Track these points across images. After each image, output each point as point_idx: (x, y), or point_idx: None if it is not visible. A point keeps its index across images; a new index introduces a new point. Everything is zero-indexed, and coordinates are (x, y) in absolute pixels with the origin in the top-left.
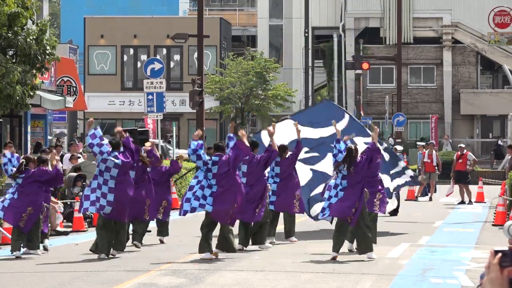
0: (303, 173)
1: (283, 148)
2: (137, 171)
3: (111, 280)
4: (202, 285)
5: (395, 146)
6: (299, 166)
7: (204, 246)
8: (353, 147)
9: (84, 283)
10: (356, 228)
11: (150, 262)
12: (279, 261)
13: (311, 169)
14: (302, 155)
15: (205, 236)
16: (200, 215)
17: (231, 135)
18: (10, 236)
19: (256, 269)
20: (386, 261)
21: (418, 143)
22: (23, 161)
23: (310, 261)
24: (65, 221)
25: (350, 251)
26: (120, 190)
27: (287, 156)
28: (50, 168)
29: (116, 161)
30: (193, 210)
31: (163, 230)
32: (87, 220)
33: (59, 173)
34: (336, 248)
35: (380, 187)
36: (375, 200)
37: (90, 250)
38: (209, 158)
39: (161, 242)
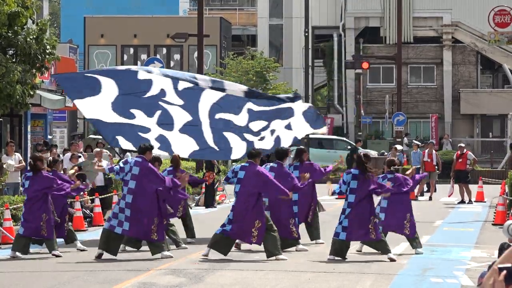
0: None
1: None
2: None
3: (111, 279)
4: (202, 285)
5: (395, 146)
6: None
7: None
8: (361, 154)
9: (84, 282)
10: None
11: (150, 262)
12: (279, 261)
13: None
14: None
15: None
16: (202, 217)
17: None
18: (10, 236)
19: (256, 269)
20: (386, 261)
21: (414, 141)
22: (30, 161)
23: (310, 261)
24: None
25: (358, 251)
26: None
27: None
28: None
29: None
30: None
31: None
32: (87, 219)
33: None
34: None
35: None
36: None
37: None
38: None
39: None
